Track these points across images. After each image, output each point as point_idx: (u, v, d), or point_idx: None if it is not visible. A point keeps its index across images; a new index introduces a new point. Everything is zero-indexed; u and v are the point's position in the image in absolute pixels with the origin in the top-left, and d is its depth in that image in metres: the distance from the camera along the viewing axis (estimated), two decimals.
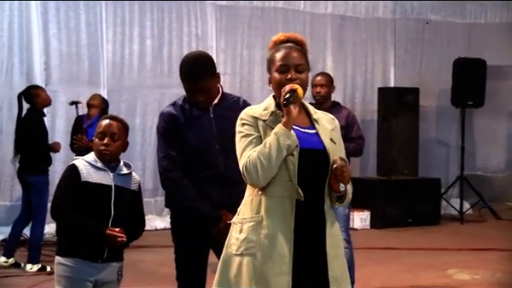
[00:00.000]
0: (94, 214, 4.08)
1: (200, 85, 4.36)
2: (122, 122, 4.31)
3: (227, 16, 11.70)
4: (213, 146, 4.38)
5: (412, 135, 11.89)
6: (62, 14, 10.53)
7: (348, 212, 6.80)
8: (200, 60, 4.46)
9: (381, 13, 12.83)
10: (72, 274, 4.09)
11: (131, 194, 4.28)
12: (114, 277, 4.22)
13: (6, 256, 8.17)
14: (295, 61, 3.47)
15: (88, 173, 4.11)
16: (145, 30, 11.10)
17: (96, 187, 4.10)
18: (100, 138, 4.18)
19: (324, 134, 3.50)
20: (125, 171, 4.27)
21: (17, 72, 10.24)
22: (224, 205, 4.37)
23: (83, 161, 4.18)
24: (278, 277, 3.33)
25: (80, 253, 4.08)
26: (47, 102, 8.32)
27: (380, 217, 11.17)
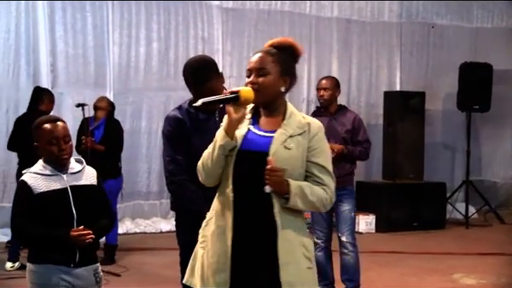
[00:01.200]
0: (57, 221, 3.99)
1: (208, 87, 4.35)
2: (63, 120, 4.20)
3: (233, 19, 11.71)
4: None
5: (418, 139, 11.88)
6: (69, 16, 10.55)
7: (354, 216, 6.79)
8: (202, 62, 4.47)
9: (386, 17, 12.83)
10: (43, 281, 4.01)
11: (91, 190, 4.16)
12: (92, 280, 4.14)
13: (12, 261, 8.18)
14: (257, 65, 3.50)
15: (38, 184, 4.01)
16: (151, 32, 11.12)
17: (50, 195, 4.00)
18: (54, 144, 4.05)
19: (280, 138, 3.46)
20: (77, 169, 4.16)
21: (23, 74, 10.26)
22: None
23: (30, 174, 4.08)
24: (217, 274, 3.47)
25: (51, 258, 4.00)
26: (50, 111, 8.37)
27: (385, 221, 11.15)
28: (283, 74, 3.52)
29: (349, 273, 6.69)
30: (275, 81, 3.49)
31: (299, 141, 3.46)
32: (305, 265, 3.47)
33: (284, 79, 3.52)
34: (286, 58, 3.54)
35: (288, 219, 3.44)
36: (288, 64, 3.55)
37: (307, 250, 3.49)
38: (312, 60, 12.29)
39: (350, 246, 6.65)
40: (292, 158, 3.43)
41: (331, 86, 6.84)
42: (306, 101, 12.16)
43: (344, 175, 6.63)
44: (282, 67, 3.51)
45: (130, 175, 10.43)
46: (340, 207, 6.64)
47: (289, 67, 3.55)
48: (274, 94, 3.51)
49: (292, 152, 3.43)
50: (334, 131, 6.67)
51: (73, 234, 3.93)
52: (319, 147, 3.50)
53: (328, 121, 6.73)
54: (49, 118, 4.23)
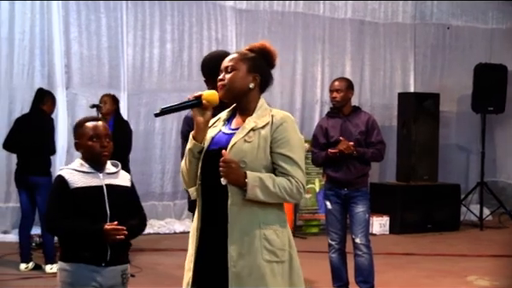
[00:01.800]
0: (90, 217, 4.04)
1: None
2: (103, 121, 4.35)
3: (247, 20, 11.72)
4: None
5: (432, 140, 11.86)
6: (83, 18, 10.59)
7: (368, 217, 6.78)
8: (223, 56, 4.45)
9: (400, 18, 12.80)
10: (74, 280, 4.05)
11: (125, 190, 4.23)
12: (119, 280, 4.16)
13: (25, 262, 8.20)
14: (225, 64, 3.60)
15: (75, 179, 4.07)
16: (165, 33, 11.14)
17: (86, 191, 4.06)
18: (95, 141, 4.13)
19: (242, 132, 3.51)
20: (113, 170, 4.23)
21: (38, 75, 10.30)
22: None
23: (68, 169, 4.15)
24: (186, 273, 3.61)
25: (82, 257, 4.04)
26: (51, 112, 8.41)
27: (399, 223, 11.14)
28: (251, 71, 3.57)
29: (363, 275, 6.67)
30: (241, 77, 3.56)
31: (260, 134, 3.48)
32: (263, 258, 3.43)
33: (253, 76, 3.57)
34: (256, 57, 3.60)
35: (248, 211, 3.44)
36: (258, 62, 3.59)
37: (270, 244, 3.45)
38: (326, 61, 12.28)
39: (364, 248, 6.64)
40: (252, 150, 3.46)
41: (344, 87, 6.81)
42: (320, 103, 12.15)
43: (358, 176, 6.64)
44: (249, 64, 3.57)
45: (144, 176, 10.46)
46: (354, 209, 6.64)
47: (258, 65, 3.59)
48: (241, 90, 3.56)
49: (252, 144, 3.46)
50: (347, 132, 6.66)
51: (107, 228, 3.98)
52: (283, 138, 3.50)
53: (342, 122, 6.73)
54: (91, 117, 4.37)
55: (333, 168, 6.69)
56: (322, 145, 6.77)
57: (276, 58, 3.66)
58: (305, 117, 12.11)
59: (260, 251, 3.43)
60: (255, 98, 3.60)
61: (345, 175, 6.63)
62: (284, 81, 11.89)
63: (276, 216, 3.53)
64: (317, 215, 11.11)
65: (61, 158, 10.22)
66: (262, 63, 3.61)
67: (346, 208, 6.71)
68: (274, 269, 3.45)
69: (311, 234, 10.93)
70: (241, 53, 3.63)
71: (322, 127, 6.85)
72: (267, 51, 3.63)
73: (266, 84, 3.66)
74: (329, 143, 6.71)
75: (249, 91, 3.57)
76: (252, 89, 3.58)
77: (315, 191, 11.09)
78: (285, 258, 3.51)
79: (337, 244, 6.72)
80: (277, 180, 3.45)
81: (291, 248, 3.56)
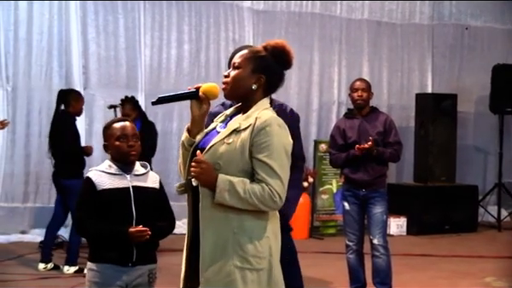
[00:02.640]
0: (117, 219, 4.09)
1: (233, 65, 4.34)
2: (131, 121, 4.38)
3: (264, 21, 11.72)
4: None
5: (450, 141, 11.81)
6: (101, 19, 10.63)
7: (386, 218, 6.77)
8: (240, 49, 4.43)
9: (417, 18, 12.76)
10: (101, 280, 4.10)
11: (152, 192, 4.26)
12: (145, 279, 4.20)
13: (44, 262, 8.22)
14: (233, 60, 3.52)
15: (102, 181, 4.13)
16: (183, 34, 11.15)
17: (113, 193, 4.11)
18: (122, 141, 4.18)
19: (224, 133, 3.43)
20: (141, 171, 4.27)
21: (56, 76, 10.35)
22: None
23: (96, 171, 4.20)
24: (182, 267, 3.56)
25: (109, 258, 4.10)
26: (81, 111, 8.41)
27: (416, 224, 11.11)
28: (256, 71, 3.47)
29: (381, 276, 6.65)
30: (245, 76, 3.47)
31: (241, 136, 3.36)
32: (234, 264, 3.34)
33: (257, 77, 3.47)
34: (266, 57, 3.49)
35: (221, 216, 3.35)
36: (267, 63, 3.48)
37: (243, 250, 3.34)
38: (342, 62, 12.26)
39: (382, 249, 6.63)
40: (229, 153, 3.35)
41: (367, 88, 6.82)
42: (337, 103, 12.13)
43: (376, 177, 6.64)
44: (255, 64, 3.47)
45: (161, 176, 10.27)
46: (372, 209, 6.64)
47: (265, 66, 3.48)
48: (243, 89, 3.48)
49: (230, 146, 3.36)
50: (365, 133, 6.65)
51: (131, 231, 4.02)
52: (264, 142, 3.34)
53: (360, 123, 6.73)
54: (118, 119, 4.42)
55: (351, 169, 6.69)
56: (340, 146, 6.76)
57: (291, 58, 3.53)
58: (322, 118, 12.09)
59: (231, 257, 3.33)
60: (258, 99, 3.49)
61: (363, 176, 6.63)
62: (301, 82, 11.89)
63: (255, 224, 3.38)
64: (334, 215, 11.09)
65: None
66: (271, 63, 3.49)
67: (364, 209, 6.71)
68: (246, 276, 3.34)
69: (328, 235, 10.91)
70: (251, 50, 3.55)
71: (339, 128, 6.84)
72: (281, 50, 3.51)
73: (273, 86, 3.54)
74: (347, 144, 6.70)
75: (252, 92, 3.48)
76: (255, 90, 3.48)
77: (332, 192, 11.08)
78: (262, 266, 3.38)
79: (355, 245, 6.71)
80: (249, 186, 3.31)
81: (271, 257, 3.42)
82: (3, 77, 10.09)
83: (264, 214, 3.42)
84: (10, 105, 10.12)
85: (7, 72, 10.11)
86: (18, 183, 10.18)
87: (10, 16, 10.08)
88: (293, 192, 4.58)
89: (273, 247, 3.45)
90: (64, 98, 8.31)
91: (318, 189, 11.05)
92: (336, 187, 11.01)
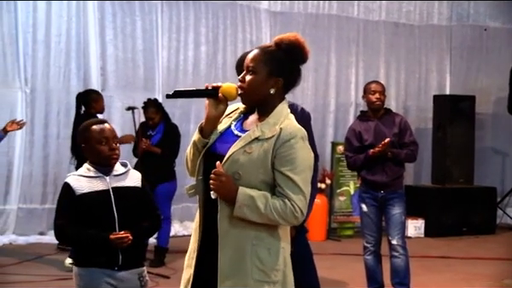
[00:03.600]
0: (98, 223, 4.02)
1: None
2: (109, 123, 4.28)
3: (281, 23, 11.71)
4: None
5: (468, 143, 11.76)
6: (119, 20, 10.66)
7: (404, 219, 6.77)
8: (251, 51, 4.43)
9: (436, 20, 12.72)
10: (88, 284, 4.05)
11: (134, 191, 4.17)
12: (136, 283, 4.14)
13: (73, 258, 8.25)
14: (248, 63, 3.36)
15: (81, 185, 4.05)
16: (200, 36, 11.17)
17: (92, 197, 4.03)
18: (104, 144, 4.09)
19: (244, 140, 3.28)
20: (121, 171, 4.18)
21: (74, 78, 10.39)
22: None
23: (74, 176, 4.13)
24: (186, 269, 3.44)
25: (95, 261, 4.03)
26: (103, 109, 8.45)
27: (434, 226, 11.07)
28: (273, 75, 3.32)
29: (400, 277, 6.66)
30: (262, 81, 3.32)
31: (263, 146, 3.23)
32: (253, 277, 3.24)
33: (275, 80, 3.33)
34: (281, 57, 3.33)
35: (240, 226, 3.24)
36: (283, 64, 3.34)
37: (262, 263, 3.25)
38: (360, 63, 12.23)
39: (400, 249, 6.63)
40: (250, 163, 3.22)
41: (383, 90, 6.82)
42: (354, 105, 12.10)
43: (394, 178, 6.64)
44: (272, 67, 3.32)
45: (179, 178, 10.46)
46: (390, 211, 6.64)
47: (283, 68, 3.33)
48: (260, 94, 3.34)
49: (251, 156, 3.22)
50: (382, 135, 6.64)
51: (112, 238, 3.96)
52: (288, 155, 3.21)
53: (375, 125, 6.72)
54: (96, 121, 4.30)
55: (368, 171, 6.68)
56: (357, 148, 6.75)
57: (307, 51, 3.36)
58: (339, 119, 12.07)
59: (250, 270, 3.23)
60: (276, 102, 3.36)
61: (381, 178, 6.62)
62: (318, 83, 11.87)
63: (271, 235, 3.29)
64: (351, 217, 11.07)
65: None
66: (286, 63, 3.33)
67: (382, 210, 6.70)
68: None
69: (345, 237, 10.89)
70: (265, 50, 3.35)
71: (355, 130, 6.83)
72: (296, 45, 3.35)
73: (292, 83, 3.40)
74: (364, 146, 6.70)
75: (270, 96, 3.33)
76: (273, 95, 3.33)
77: (349, 193, 11.06)
78: (278, 279, 3.30)
79: (372, 246, 6.71)
80: (271, 201, 3.19)
81: (286, 267, 3.35)
82: (22, 79, 10.15)
83: (277, 225, 3.32)
84: (29, 106, 10.17)
85: (25, 73, 10.16)
86: (36, 184, 10.23)
87: (29, 18, 10.14)
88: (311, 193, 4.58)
89: (286, 257, 3.38)
90: (83, 100, 8.35)
91: (336, 191, 11.03)
92: (354, 188, 10.99)
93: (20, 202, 10.17)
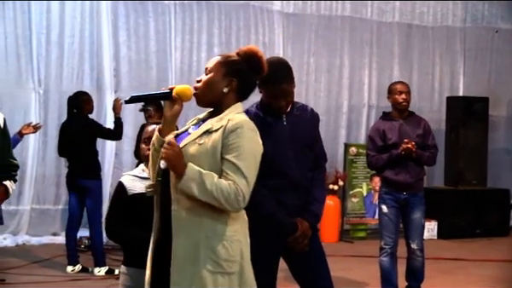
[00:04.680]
0: (149, 223, 3.97)
1: (284, 88, 4.35)
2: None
3: (294, 24, 11.71)
4: (287, 153, 4.39)
5: (481, 144, 11.72)
6: (132, 22, 10.68)
7: (424, 222, 6.88)
8: (282, 63, 4.43)
9: (450, 21, 12.67)
10: (132, 284, 4.10)
11: None
12: None
13: (72, 265, 8.27)
14: (206, 66, 3.55)
15: (134, 186, 4.14)
16: (213, 37, 11.17)
17: (144, 197, 3.97)
18: (146, 143, 4.15)
19: (196, 133, 3.42)
20: None
21: (87, 79, 10.42)
22: (299, 213, 4.37)
23: (128, 176, 4.23)
24: (147, 270, 3.54)
25: (142, 263, 4.00)
26: (92, 110, 8.49)
27: (447, 228, 11.04)
28: (227, 75, 3.47)
29: (415, 274, 6.77)
30: (216, 80, 3.47)
31: (213, 137, 3.36)
32: (206, 268, 3.32)
33: (229, 80, 3.47)
34: (238, 62, 3.51)
35: (194, 220, 3.33)
36: (238, 67, 3.49)
37: (216, 255, 3.33)
38: (373, 65, 12.21)
39: (418, 252, 6.72)
40: (200, 154, 3.34)
41: (409, 90, 6.87)
42: (367, 106, 12.08)
43: (417, 179, 6.70)
44: (228, 68, 3.48)
45: None
46: (411, 214, 6.69)
47: (237, 70, 3.49)
48: (214, 93, 3.47)
49: (201, 147, 3.34)
50: (406, 135, 6.65)
51: None
52: (234, 144, 3.33)
53: (400, 125, 6.72)
54: (154, 122, 4.47)
55: (392, 171, 6.67)
56: (380, 147, 6.74)
57: (264, 63, 3.54)
58: (351, 121, 12.05)
59: (203, 261, 3.32)
60: (230, 103, 3.49)
61: (404, 178, 6.63)
62: (331, 85, 11.86)
63: (226, 226, 3.38)
64: (364, 219, 11.06)
65: (110, 162, 10.33)
66: (243, 67, 3.50)
67: (402, 212, 6.71)
68: (217, 281, 3.34)
69: (358, 239, 10.88)
70: (224, 55, 3.57)
71: (378, 129, 6.81)
72: (253, 56, 3.53)
73: (246, 90, 3.55)
74: (387, 146, 6.69)
75: (223, 95, 3.47)
76: (226, 94, 3.47)
77: (362, 195, 11.04)
78: (233, 270, 3.38)
79: (390, 248, 6.70)
80: (217, 180, 3.28)
81: (243, 260, 3.43)
82: (35, 80, 10.19)
83: (235, 218, 3.42)
84: (42, 107, 10.21)
85: (39, 74, 10.21)
86: (49, 185, 10.27)
87: (42, 19, 10.18)
88: (321, 193, 4.63)
89: (244, 250, 3.46)
90: (74, 102, 8.36)
91: (348, 192, 11.01)
92: (366, 190, 10.98)
93: (34, 203, 10.21)
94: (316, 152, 4.60)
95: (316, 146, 4.61)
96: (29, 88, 10.19)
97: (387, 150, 6.66)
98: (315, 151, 4.59)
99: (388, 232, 6.71)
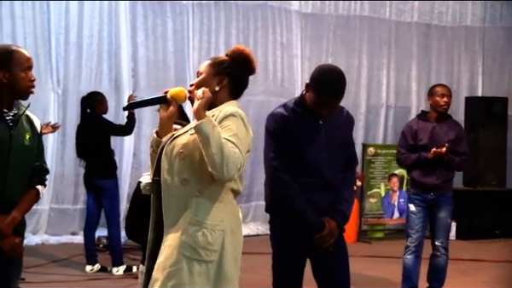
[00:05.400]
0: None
1: (336, 104, 4.38)
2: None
3: (312, 24, 11.70)
4: (321, 153, 4.39)
5: (500, 145, 11.66)
6: (150, 22, 10.71)
7: (450, 221, 6.93)
8: (343, 79, 4.40)
9: (469, 21, 12.63)
10: None
11: None
12: None
13: (91, 264, 8.29)
14: (198, 70, 3.68)
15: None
16: (231, 38, 11.18)
17: None
18: None
19: (188, 127, 3.53)
20: None
21: (106, 79, 10.46)
22: (328, 212, 4.37)
23: (147, 176, 4.15)
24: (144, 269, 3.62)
25: None
26: (106, 110, 8.49)
27: (466, 228, 10.99)
28: (217, 74, 3.59)
29: (437, 273, 6.79)
30: (208, 79, 3.58)
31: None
32: (182, 253, 3.38)
33: (220, 78, 3.58)
34: (227, 61, 3.63)
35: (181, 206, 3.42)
36: (227, 65, 3.61)
37: (193, 241, 3.38)
38: (391, 65, 12.19)
39: (442, 249, 6.77)
40: (192, 142, 3.41)
41: (451, 93, 6.90)
42: (385, 107, 12.06)
43: (444, 181, 6.70)
44: (218, 68, 3.60)
45: None
46: (437, 213, 6.72)
47: (227, 68, 3.60)
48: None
49: (193, 136, 3.39)
50: (438, 138, 6.68)
51: None
52: (228, 126, 3.40)
53: (433, 127, 6.75)
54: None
55: (420, 173, 6.69)
56: (410, 146, 6.78)
57: (253, 62, 3.64)
58: (369, 121, 12.03)
59: (182, 246, 3.38)
60: (223, 101, 3.58)
61: (431, 180, 6.66)
62: (349, 85, 11.66)
63: (209, 215, 3.43)
64: (382, 219, 11.04)
65: (128, 161, 10.36)
66: (233, 66, 3.62)
67: (429, 212, 6.72)
68: (193, 267, 3.38)
69: (375, 239, 10.85)
70: (214, 57, 3.71)
71: (411, 128, 6.85)
72: (240, 54, 3.65)
73: (238, 87, 3.64)
74: (417, 146, 6.71)
75: (216, 94, 3.55)
76: (219, 92, 3.57)
77: (380, 195, 11.01)
78: (211, 259, 3.41)
79: (415, 246, 6.73)
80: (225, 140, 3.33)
81: (223, 251, 3.44)
82: (54, 81, 10.23)
83: (221, 208, 3.46)
84: (61, 107, 10.25)
85: (58, 74, 10.25)
86: (68, 185, 10.31)
87: (61, 20, 10.22)
88: (351, 194, 4.64)
89: (227, 242, 3.46)
90: (88, 102, 8.37)
91: (366, 193, 10.99)
92: (384, 190, 10.96)
93: (52, 202, 10.25)
94: (348, 153, 4.60)
95: (348, 148, 4.62)
96: (48, 88, 10.22)
97: (417, 150, 6.69)
98: (347, 152, 4.58)
99: (414, 230, 6.74)
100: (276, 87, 11.51)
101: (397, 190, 11.09)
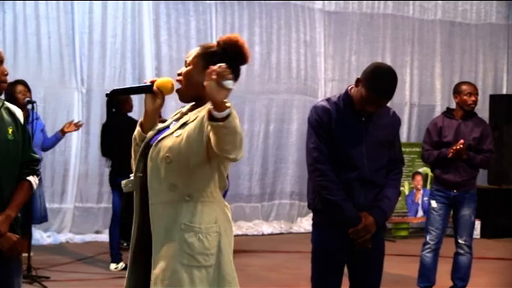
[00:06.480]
0: None
1: (384, 103, 4.38)
2: None
3: (335, 22, 11.68)
4: (361, 148, 4.38)
5: None
6: (173, 21, 10.74)
7: (474, 219, 6.88)
8: (396, 79, 4.36)
9: (494, 18, 12.55)
10: None
11: None
12: None
13: (115, 262, 8.32)
14: (185, 58, 3.46)
15: None
16: (253, 36, 11.18)
17: None
18: None
19: (173, 128, 3.33)
20: None
21: (129, 78, 10.49)
22: (366, 208, 4.36)
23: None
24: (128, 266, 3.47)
25: None
26: (131, 109, 8.51)
27: (491, 227, 10.93)
28: (206, 67, 3.11)
29: (462, 272, 6.77)
30: (196, 72, 3.35)
31: (189, 127, 3.26)
32: (181, 262, 3.26)
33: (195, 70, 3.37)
34: (218, 52, 3.38)
35: (171, 212, 3.27)
36: (218, 57, 3.28)
37: (190, 248, 3.26)
38: (415, 63, 12.15)
39: (466, 248, 6.75)
40: (177, 145, 3.25)
41: (477, 91, 6.88)
42: (409, 105, 12.02)
43: (467, 179, 6.70)
44: (207, 59, 3.33)
45: (232, 177, 10.48)
46: (460, 211, 6.72)
47: (216, 61, 3.14)
48: (196, 86, 3.32)
49: (178, 139, 3.25)
50: (462, 136, 6.66)
51: None
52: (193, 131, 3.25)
53: (458, 125, 6.75)
54: None
55: (442, 169, 6.70)
56: (434, 143, 6.78)
57: (245, 52, 3.39)
58: None
59: (178, 255, 3.26)
60: None
61: (453, 177, 6.66)
62: None
63: (202, 219, 3.30)
64: (406, 218, 10.99)
65: None
66: (223, 57, 3.28)
67: (452, 209, 6.70)
68: (193, 275, 3.27)
69: (400, 237, 10.81)
70: (203, 46, 3.46)
71: (437, 125, 6.85)
72: (232, 45, 3.39)
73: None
74: (441, 142, 6.71)
75: (204, 88, 3.22)
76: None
77: (404, 194, 10.96)
78: (210, 263, 3.30)
79: (435, 244, 6.72)
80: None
81: (221, 253, 3.33)
82: (78, 80, 10.28)
83: (212, 208, 3.34)
84: (85, 106, 10.30)
85: (82, 74, 10.29)
86: (92, 184, 10.36)
87: (85, 19, 10.26)
88: (394, 192, 4.60)
89: (223, 244, 3.35)
90: (113, 102, 8.39)
91: None
92: (408, 189, 10.91)
93: (77, 201, 10.30)
94: (393, 154, 4.58)
95: (393, 148, 4.59)
96: (72, 87, 10.28)
97: (441, 147, 6.69)
98: (392, 152, 4.56)
99: (434, 227, 6.73)
100: (299, 85, 11.51)
101: (421, 188, 11.05)
